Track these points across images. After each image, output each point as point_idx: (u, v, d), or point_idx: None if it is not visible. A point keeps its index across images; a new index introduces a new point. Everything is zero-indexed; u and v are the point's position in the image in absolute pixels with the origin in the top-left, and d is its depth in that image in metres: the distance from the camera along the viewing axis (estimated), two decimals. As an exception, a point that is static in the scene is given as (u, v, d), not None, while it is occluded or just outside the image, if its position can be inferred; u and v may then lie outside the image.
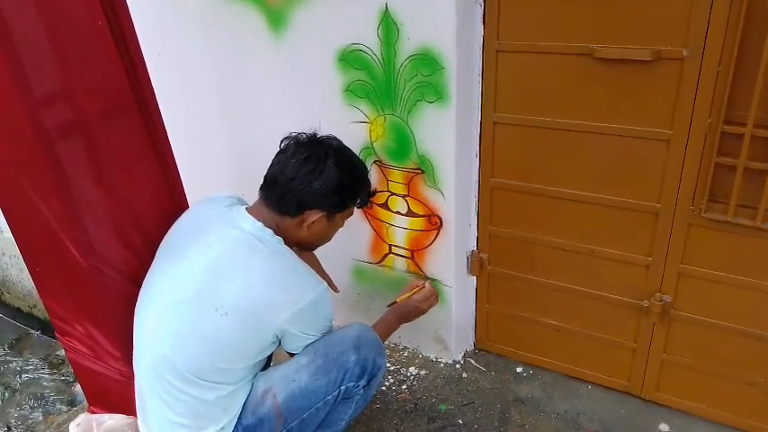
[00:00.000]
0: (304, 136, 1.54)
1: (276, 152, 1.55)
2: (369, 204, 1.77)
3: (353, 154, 1.60)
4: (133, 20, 1.50)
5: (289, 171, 1.48)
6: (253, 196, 1.57)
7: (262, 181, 1.55)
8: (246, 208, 1.55)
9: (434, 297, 1.82)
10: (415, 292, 1.80)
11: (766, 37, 1.37)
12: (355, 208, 1.65)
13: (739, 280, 1.66)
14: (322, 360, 1.51)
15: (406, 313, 1.80)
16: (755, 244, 1.59)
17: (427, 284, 1.82)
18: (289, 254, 1.50)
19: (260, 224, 1.48)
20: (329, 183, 1.48)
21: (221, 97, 2.24)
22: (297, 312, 1.44)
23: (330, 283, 1.72)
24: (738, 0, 1.37)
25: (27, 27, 1.30)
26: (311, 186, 1.47)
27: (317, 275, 1.53)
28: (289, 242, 1.53)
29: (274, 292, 1.44)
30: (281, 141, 1.55)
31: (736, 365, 1.77)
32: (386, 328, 1.76)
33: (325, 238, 1.64)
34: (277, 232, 1.50)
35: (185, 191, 1.76)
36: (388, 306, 1.81)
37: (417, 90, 1.78)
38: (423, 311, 1.81)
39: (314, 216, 1.51)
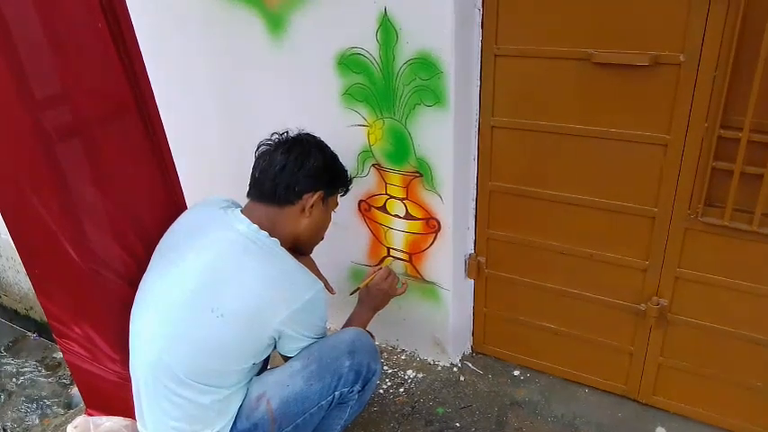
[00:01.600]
0: (276, 136, 1.61)
1: (256, 158, 1.60)
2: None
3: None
4: (133, 23, 1.51)
5: (278, 162, 1.54)
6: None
7: (248, 188, 1.58)
8: (241, 210, 1.56)
9: (393, 276, 1.84)
10: (372, 278, 1.82)
11: (762, 42, 1.38)
12: (339, 198, 1.72)
13: (736, 284, 1.67)
14: (316, 365, 1.51)
15: (374, 299, 1.81)
16: (752, 248, 1.60)
17: (383, 267, 1.86)
18: (285, 254, 1.51)
19: (255, 226, 1.49)
20: (318, 162, 1.57)
21: (220, 100, 2.25)
22: (293, 312, 1.45)
23: (326, 285, 1.73)
24: (735, 5, 1.39)
25: (27, 29, 1.31)
26: (304, 167, 1.54)
27: (313, 275, 1.53)
28: (285, 242, 1.53)
29: (270, 292, 1.44)
30: (257, 148, 1.61)
31: (733, 369, 1.77)
32: (361, 321, 1.78)
33: (322, 228, 1.68)
34: (272, 233, 1.51)
35: (184, 193, 1.76)
36: (351, 294, 1.85)
37: (416, 94, 1.79)
38: (386, 292, 1.82)
39: (313, 198, 1.56)
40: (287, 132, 1.62)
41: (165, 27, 2.20)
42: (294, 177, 1.53)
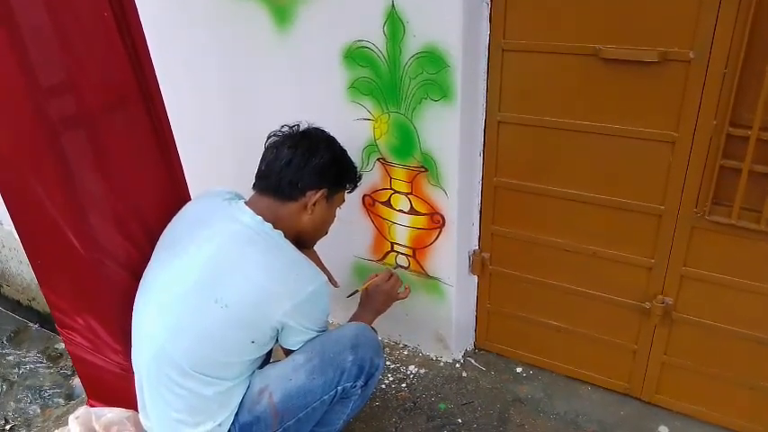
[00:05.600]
0: (287, 129, 1.59)
1: (264, 149, 1.58)
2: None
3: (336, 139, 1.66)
4: (139, 13, 1.50)
5: (284, 156, 1.52)
6: (255, 191, 1.57)
7: (254, 179, 1.57)
8: (245, 202, 1.55)
9: (395, 278, 1.82)
10: (373, 281, 1.80)
11: (774, 40, 1.37)
12: (346, 194, 1.69)
13: (742, 283, 1.66)
14: (319, 359, 1.51)
15: (374, 301, 1.79)
16: (759, 247, 1.59)
17: (385, 269, 1.85)
18: (288, 247, 1.50)
19: (259, 218, 1.49)
20: (325, 158, 1.55)
21: (225, 92, 2.24)
22: (296, 305, 1.45)
23: (330, 278, 1.73)
24: (747, 2, 1.37)
25: (34, 18, 1.30)
26: (310, 164, 1.52)
27: (317, 268, 1.53)
28: (288, 235, 1.53)
29: (274, 284, 1.44)
30: (267, 139, 1.59)
31: (737, 369, 1.77)
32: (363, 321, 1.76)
33: (325, 223, 1.66)
34: (276, 225, 1.50)
35: (188, 184, 1.75)
36: (348, 296, 1.83)
37: (422, 88, 1.78)
38: (388, 293, 1.79)
39: (316, 195, 1.54)
40: (297, 126, 1.60)
41: (172, 18, 2.19)
42: (298, 173, 1.52)
